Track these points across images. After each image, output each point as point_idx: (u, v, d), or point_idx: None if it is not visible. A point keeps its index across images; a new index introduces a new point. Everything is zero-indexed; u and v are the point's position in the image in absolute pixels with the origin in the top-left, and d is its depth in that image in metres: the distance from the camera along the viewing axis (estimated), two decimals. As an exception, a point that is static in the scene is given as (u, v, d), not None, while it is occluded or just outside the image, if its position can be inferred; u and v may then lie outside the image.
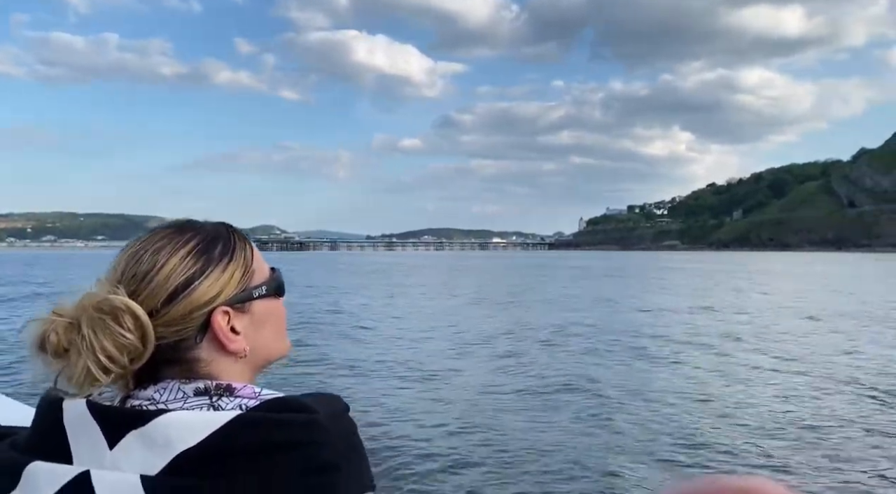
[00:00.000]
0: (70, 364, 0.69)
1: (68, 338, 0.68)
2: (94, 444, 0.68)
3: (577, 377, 9.72)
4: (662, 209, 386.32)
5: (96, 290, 0.72)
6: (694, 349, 12.74)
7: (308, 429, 0.68)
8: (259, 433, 0.66)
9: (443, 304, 23.29)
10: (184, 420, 0.67)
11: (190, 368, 0.75)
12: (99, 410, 0.69)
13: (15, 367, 9.66)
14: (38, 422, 0.72)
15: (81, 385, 0.69)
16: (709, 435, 6.79)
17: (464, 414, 7.60)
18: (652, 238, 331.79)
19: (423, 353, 12.36)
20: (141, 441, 0.66)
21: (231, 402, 0.71)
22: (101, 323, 0.69)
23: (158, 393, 0.72)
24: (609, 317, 18.44)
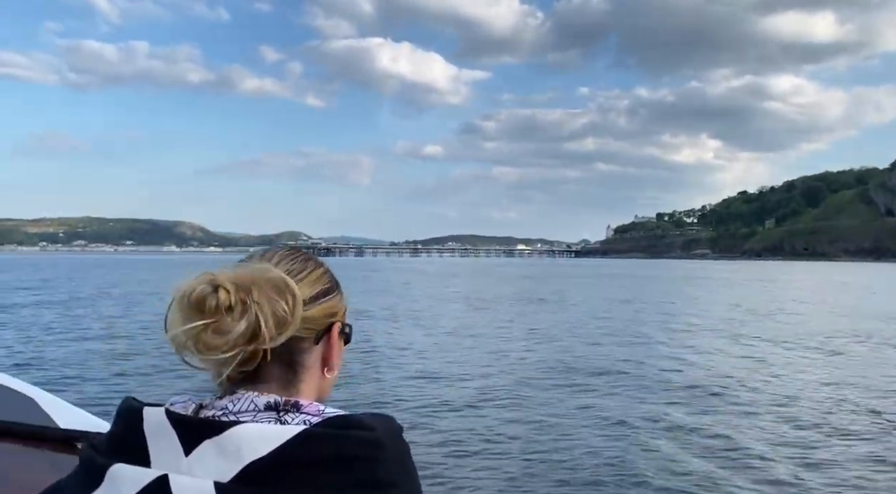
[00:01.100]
0: (226, 322, 0.75)
1: (238, 298, 0.75)
2: (171, 450, 0.73)
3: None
4: (692, 217, 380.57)
5: (258, 264, 0.80)
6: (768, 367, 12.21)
7: (367, 446, 0.73)
8: (321, 447, 0.71)
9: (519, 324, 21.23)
10: (255, 432, 0.71)
11: (294, 371, 0.82)
12: (176, 418, 0.74)
13: (76, 377, 10.24)
14: (119, 428, 0.78)
15: (231, 345, 0.75)
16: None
17: (523, 436, 7.48)
18: (682, 246, 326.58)
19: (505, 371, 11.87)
20: (215, 450, 0.71)
21: (297, 418, 0.75)
22: (269, 293, 0.77)
23: (232, 404, 0.77)
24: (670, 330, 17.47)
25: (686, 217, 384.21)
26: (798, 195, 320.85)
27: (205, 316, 0.75)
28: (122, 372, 10.93)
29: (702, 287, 46.33)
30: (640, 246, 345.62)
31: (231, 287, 0.75)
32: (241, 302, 0.75)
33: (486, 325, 19.51)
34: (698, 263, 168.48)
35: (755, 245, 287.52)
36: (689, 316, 22.97)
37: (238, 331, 0.75)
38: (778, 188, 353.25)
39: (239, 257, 0.81)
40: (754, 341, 16.26)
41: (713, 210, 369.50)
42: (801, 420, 8.30)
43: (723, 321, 21.02)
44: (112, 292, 32.51)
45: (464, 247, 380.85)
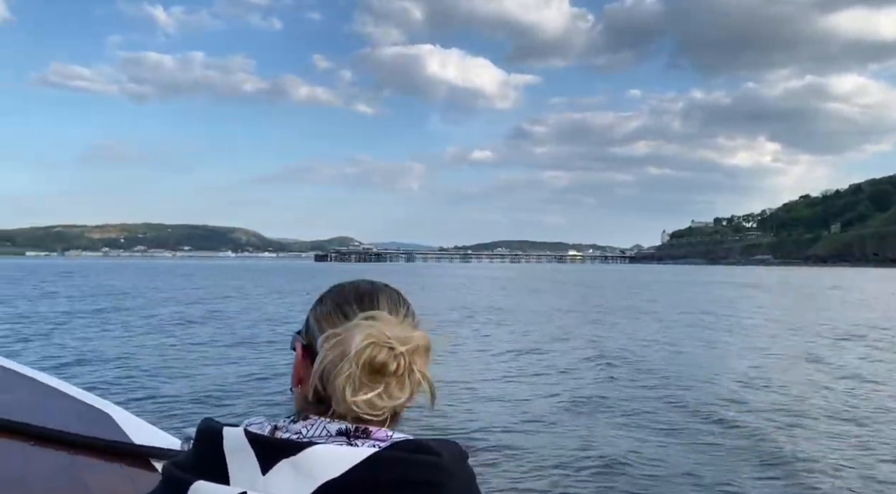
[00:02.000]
0: (392, 388, 0.81)
1: (407, 366, 0.81)
2: (249, 469, 0.77)
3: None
4: (751, 221, 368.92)
5: (402, 324, 0.85)
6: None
7: (434, 471, 0.76)
8: (391, 470, 0.75)
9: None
10: (329, 454, 0.76)
11: (397, 415, 0.87)
12: (254, 438, 0.79)
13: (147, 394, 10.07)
14: (200, 446, 0.83)
15: (391, 410, 0.83)
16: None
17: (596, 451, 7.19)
18: (741, 251, 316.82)
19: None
20: (291, 469, 0.76)
21: (366, 442, 0.79)
22: (422, 360, 0.83)
23: (306, 429, 0.81)
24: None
25: (745, 221, 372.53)
26: (865, 198, 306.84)
27: (381, 380, 0.81)
28: (193, 391, 10.70)
29: (783, 294, 43.31)
30: (696, 251, 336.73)
31: (406, 357, 0.81)
32: (409, 371, 0.82)
33: (584, 339, 17.65)
34: (763, 269, 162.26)
35: (820, 250, 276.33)
36: (815, 327, 20.63)
37: (401, 399, 0.82)
38: (843, 191, 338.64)
39: (292, 262, 0.90)
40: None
41: (774, 214, 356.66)
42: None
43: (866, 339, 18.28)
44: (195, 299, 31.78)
45: (514, 253, 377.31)
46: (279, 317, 22.45)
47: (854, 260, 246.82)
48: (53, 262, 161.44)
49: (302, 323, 0.96)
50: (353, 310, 0.87)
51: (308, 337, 0.91)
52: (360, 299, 0.90)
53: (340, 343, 0.82)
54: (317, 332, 0.88)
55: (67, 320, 20.63)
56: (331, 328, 0.85)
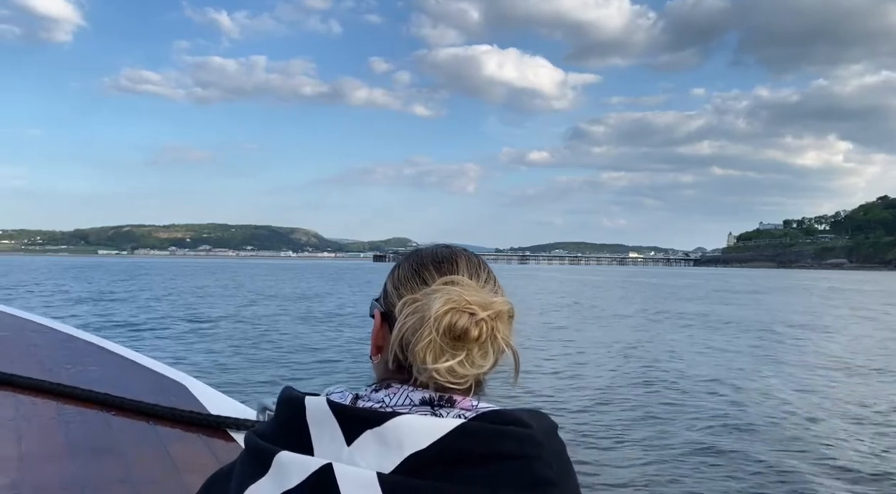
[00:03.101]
0: (475, 355, 0.78)
1: (490, 332, 0.78)
2: (333, 440, 0.75)
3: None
4: (824, 224, 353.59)
5: (481, 290, 0.82)
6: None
7: (525, 443, 0.72)
8: (479, 442, 0.71)
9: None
10: (414, 425, 0.73)
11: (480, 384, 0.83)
12: (338, 409, 0.77)
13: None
14: (283, 417, 0.81)
15: (473, 378, 0.80)
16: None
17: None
18: (813, 255, 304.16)
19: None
20: (376, 440, 0.73)
21: (451, 412, 0.76)
22: (505, 326, 0.80)
23: (388, 397, 0.79)
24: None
25: (817, 224, 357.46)
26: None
27: (463, 347, 0.77)
28: (265, 359, 11.14)
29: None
30: (764, 254, 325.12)
31: (488, 322, 0.78)
32: (492, 338, 0.78)
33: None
34: (846, 274, 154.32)
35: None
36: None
37: (484, 367, 0.79)
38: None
39: (352, 263, 0.78)
40: None
41: (848, 216, 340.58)
42: None
43: None
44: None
45: (573, 254, 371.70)
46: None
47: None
48: (146, 261, 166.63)
49: (380, 291, 0.92)
50: (431, 275, 0.85)
51: (386, 303, 0.88)
52: (439, 264, 0.87)
53: (419, 308, 0.79)
54: (395, 298, 0.85)
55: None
56: (409, 294, 0.83)
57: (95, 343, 3.27)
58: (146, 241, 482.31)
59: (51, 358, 2.97)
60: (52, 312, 21.15)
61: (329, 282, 52.47)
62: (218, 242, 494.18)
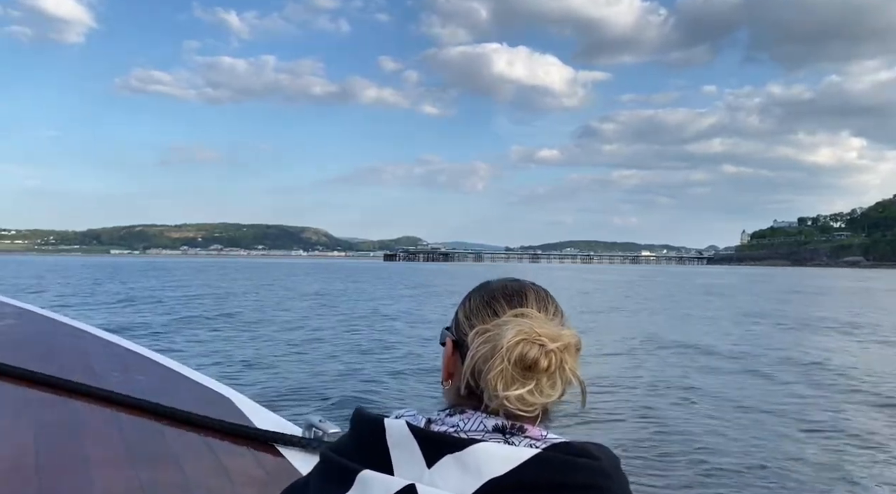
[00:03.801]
0: (543, 384, 0.81)
1: (558, 364, 0.81)
2: (414, 461, 0.78)
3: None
4: (840, 221, 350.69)
5: (550, 322, 0.85)
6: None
7: (596, 475, 0.76)
8: (555, 472, 0.75)
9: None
10: (492, 452, 0.76)
11: (547, 412, 0.86)
12: (418, 432, 0.80)
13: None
14: (361, 436, 0.84)
15: (541, 407, 0.82)
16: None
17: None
18: (829, 253, 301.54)
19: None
20: (456, 465, 0.76)
21: (523, 441, 0.79)
22: (572, 358, 0.83)
23: (463, 422, 0.82)
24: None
25: (833, 221, 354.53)
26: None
27: (532, 376, 0.80)
28: (311, 377, 10.99)
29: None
30: (779, 253, 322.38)
31: (556, 354, 0.81)
32: (560, 369, 0.82)
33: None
34: (864, 272, 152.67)
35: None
36: None
37: (552, 397, 0.82)
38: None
39: (362, 262, 0.73)
40: None
41: (865, 214, 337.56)
42: None
43: None
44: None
45: (585, 253, 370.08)
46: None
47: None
48: (163, 261, 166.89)
49: (451, 320, 0.95)
50: (502, 307, 0.88)
51: (458, 332, 0.91)
52: (510, 297, 0.91)
53: (491, 338, 0.83)
54: (466, 328, 0.89)
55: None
56: (480, 324, 0.86)
57: (141, 352, 3.31)
58: (158, 241, 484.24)
59: (100, 365, 3.03)
60: (97, 313, 20.95)
61: (381, 284, 51.75)
62: (229, 242, 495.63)
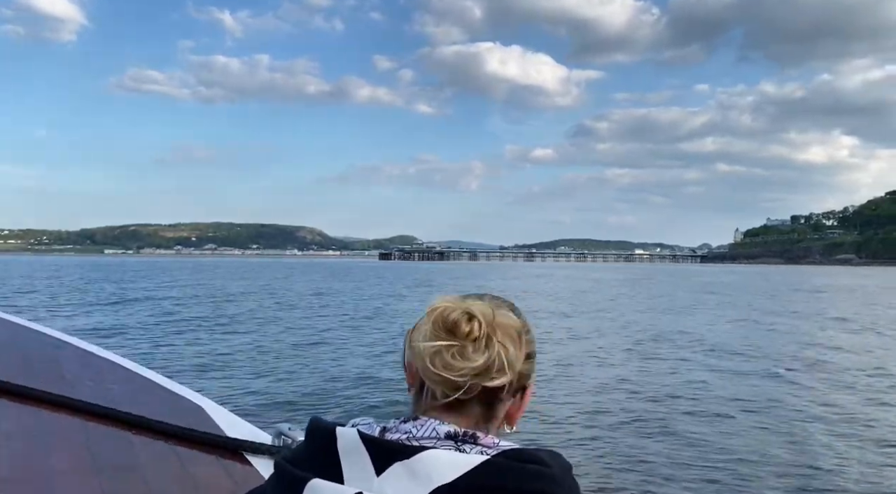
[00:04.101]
0: (468, 350, 0.81)
1: (485, 332, 0.81)
2: (363, 470, 0.77)
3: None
4: (832, 219, 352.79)
5: (496, 308, 0.85)
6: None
7: (545, 481, 0.75)
8: (502, 479, 0.74)
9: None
10: (442, 458, 0.76)
11: (488, 415, 0.85)
12: (368, 439, 0.79)
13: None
14: (314, 445, 0.83)
15: (467, 372, 0.80)
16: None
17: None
18: (822, 251, 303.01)
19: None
20: (405, 472, 0.75)
21: (474, 448, 0.78)
22: (508, 337, 0.83)
23: (416, 429, 0.81)
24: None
25: (825, 219, 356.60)
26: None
27: (454, 338, 0.81)
28: (281, 385, 11.05)
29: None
30: (772, 251, 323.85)
31: (483, 321, 0.82)
32: (487, 337, 0.82)
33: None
34: (860, 270, 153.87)
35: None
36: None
37: (477, 362, 0.81)
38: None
39: (358, 261, 0.68)
40: None
41: (857, 212, 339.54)
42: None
43: None
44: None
45: (580, 251, 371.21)
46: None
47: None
48: (162, 261, 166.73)
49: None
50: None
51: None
52: (493, 298, 0.92)
53: (422, 322, 0.85)
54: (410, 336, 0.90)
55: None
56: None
57: (114, 360, 3.29)
58: (152, 240, 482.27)
59: (73, 374, 3.00)
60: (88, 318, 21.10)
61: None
62: (223, 241, 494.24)
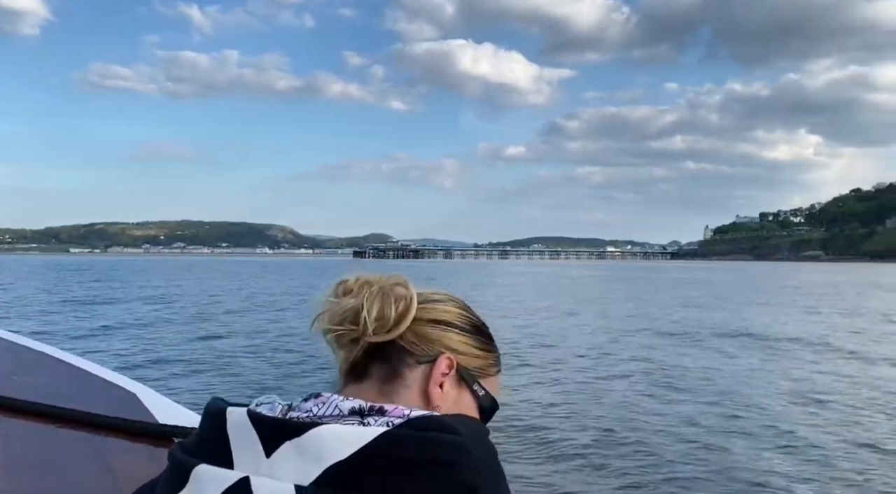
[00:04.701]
0: (343, 301, 0.83)
1: (359, 285, 0.84)
2: (252, 452, 0.72)
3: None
4: (799, 216, 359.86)
5: (393, 281, 0.85)
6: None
7: (451, 450, 0.69)
8: (403, 450, 0.68)
9: None
10: (336, 434, 0.70)
11: (392, 377, 0.81)
12: (258, 419, 0.74)
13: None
14: (204, 428, 0.78)
15: (338, 319, 0.82)
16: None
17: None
18: (789, 247, 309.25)
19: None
20: (296, 451, 0.70)
21: (379, 420, 0.73)
22: (389, 292, 0.83)
23: (317, 407, 0.76)
24: None
25: (793, 217, 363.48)
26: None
27: (335, 296, 0.84)
28: (222, 368, 11.05)
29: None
30: (741, 247, 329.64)
31: (360, 277, 0.85)
32: (359, 288, 0.84)
33: None
34: (827, 266, 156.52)
35: (876, 246, 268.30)
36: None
37: (345, 305, 0.82)
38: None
39: (328, 259, 0.84)
40: None
41: (823, 209, 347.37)
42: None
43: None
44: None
45: (553, 249, 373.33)
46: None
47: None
48: (127, 260, 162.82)
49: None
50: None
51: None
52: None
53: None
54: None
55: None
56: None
57: (47, 352, 2.93)
58: (119, 239, 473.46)
59: (1, 368, 2.73)
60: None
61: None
62: (192, 239, 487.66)
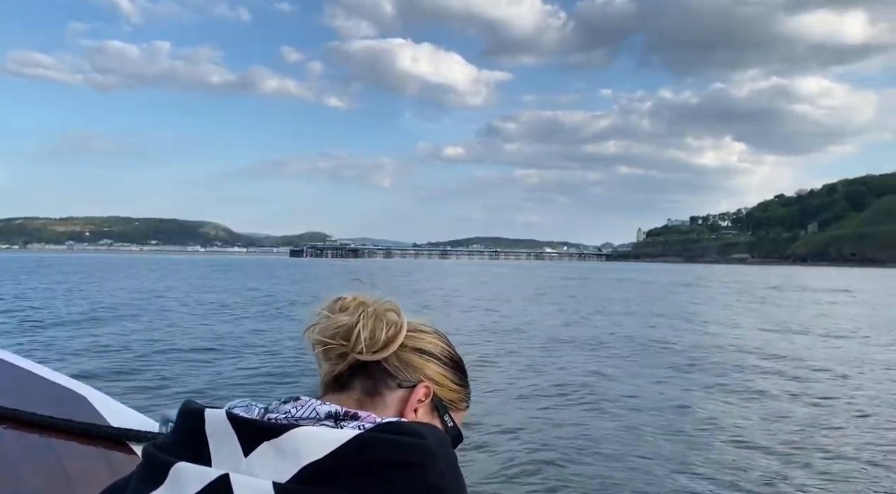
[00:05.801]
0: (338, 317, 0.89)
1: (355, 305, 0.90)
2: (231, 451, 0.76)
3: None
4: (727, 220, 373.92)
5: (390, 305, 0.92)
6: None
7: (418, 453, 0.75)
8: (375, 451, 0.73)
9: None
10: (312, 435, 0.75)
11: (373, 394, 0.88)
12: (237, 420, 0.78)
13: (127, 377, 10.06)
14: (182, 428, 0.81)
15: (331, 333, 0.88)
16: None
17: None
18: (718, 250, 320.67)
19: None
20: (274, 451, 0.74)
21: (352, 424, 0.79)
22: (382, 316, 0.89)
23: (295, 409, 0.81)
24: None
25: (721, 220, 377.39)
26: (841, 198, 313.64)
27: (330, 312, 0.90)
28: (178, 374, 10.75)
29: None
30: (673, 250, 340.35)
31: (357, 297, 0.91)
32: (355, 308, 0.89)
33: None
34: (753, 268, 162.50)
35: (799, 250, 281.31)
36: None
37: (339, 321, 0.88)
38: (818, 191, 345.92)
39: (264, 257, 0.76)
40: None
41: (749, 213, 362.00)
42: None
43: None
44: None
45: (493, 249, 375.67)
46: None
47: (830, 259, 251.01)
48: (49, 257, 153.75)
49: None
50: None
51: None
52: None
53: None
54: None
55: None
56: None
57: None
58: (41, 235, 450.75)
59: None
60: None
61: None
62: (120, 236, 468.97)
